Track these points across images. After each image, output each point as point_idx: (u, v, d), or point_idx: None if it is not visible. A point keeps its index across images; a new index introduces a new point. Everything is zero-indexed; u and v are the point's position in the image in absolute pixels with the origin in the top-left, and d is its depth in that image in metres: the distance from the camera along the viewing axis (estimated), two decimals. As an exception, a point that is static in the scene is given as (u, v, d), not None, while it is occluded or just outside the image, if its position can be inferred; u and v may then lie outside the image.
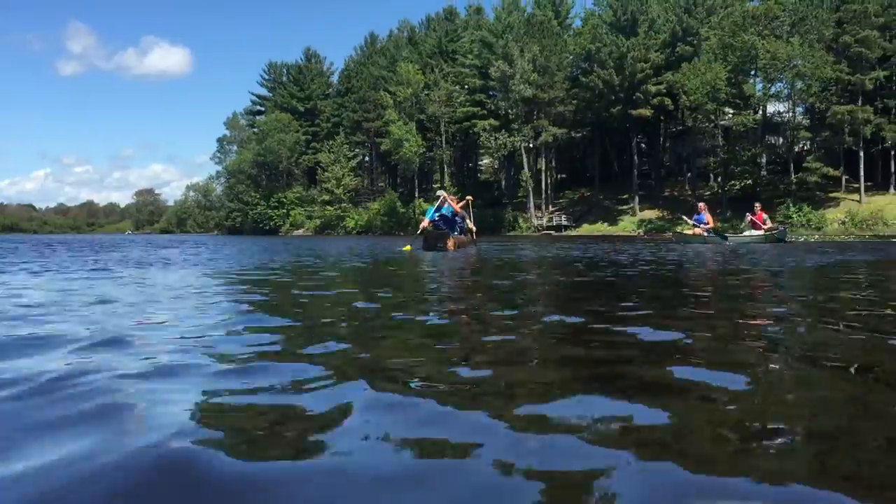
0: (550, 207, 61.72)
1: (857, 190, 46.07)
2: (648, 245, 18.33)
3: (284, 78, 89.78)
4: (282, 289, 5.21)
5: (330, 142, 78.10)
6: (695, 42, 53.80)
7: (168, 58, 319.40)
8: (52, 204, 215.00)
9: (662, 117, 58.94)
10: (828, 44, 46.15)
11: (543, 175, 61.54)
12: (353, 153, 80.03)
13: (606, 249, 14.51)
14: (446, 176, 68.11)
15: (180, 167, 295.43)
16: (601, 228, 54.88)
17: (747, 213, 21.41)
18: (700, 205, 21.40)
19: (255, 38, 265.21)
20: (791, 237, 22.37)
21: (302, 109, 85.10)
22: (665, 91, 53.53)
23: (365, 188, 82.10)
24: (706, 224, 20.39)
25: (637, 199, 56.48)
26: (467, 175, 74.16)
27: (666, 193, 57.67)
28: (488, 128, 61.05)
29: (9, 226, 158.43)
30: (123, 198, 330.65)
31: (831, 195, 47.53)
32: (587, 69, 57.09)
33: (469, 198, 17.09)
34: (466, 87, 66.55)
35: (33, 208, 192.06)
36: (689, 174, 57.42)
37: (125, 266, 8.08)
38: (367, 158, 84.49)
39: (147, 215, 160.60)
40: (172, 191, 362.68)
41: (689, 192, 54.37)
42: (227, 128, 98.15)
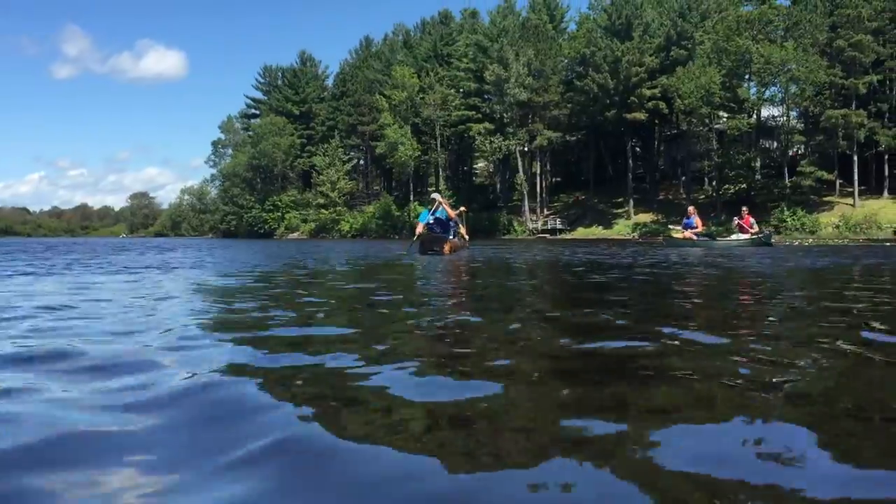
0: (545, 211, 61.73)
1: (851, 194, 46.16)
2: (637, 249, 18.41)
3: (279, 81, 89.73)
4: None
5: (325, 145, 78.05)
6: (689, 46, 53.91)
7: (163, 61, 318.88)
8: (47, 207, 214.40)
9: (657, 121, 59.02)
10: (822, 48, 46.26)
11: (538, 178, 61.55)
12: (348, 156, 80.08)
13: (601, 252, 14.46)
14: (441, 179, 68.09)
15: (175, 170, 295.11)
16: (596, 232, 54.87)
17: (734, 217, 21.92)
18: (690, 209, 22.02)
19: (251, 42, 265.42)
20: (775, 240, 22.80)
21: (297, 113, 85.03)
22: (660, 95, 53.57)
23: (360, 191, 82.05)
24: (696, 227, 20.92)
25: (632, 203, 56.51)
26: (462, 178, 74.10)
27: (660, 197, 57.72)
28: (483, 131, 61.00)
29: (2, 229, 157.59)
30: (118, 201, 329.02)
31: (825, 199, 47.60)
32: (582, 73, 57.09)
33: (463, 208, 17.11)
34: (461, 91, 66.54)
35: (27, 211, 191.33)
36: (684, 178, 57.46)
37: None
38: (362, 162, 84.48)
39: (141, 219, 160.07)
40: (167, 194, 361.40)
41: (684, 196, 54.37)
42: (222, 131, 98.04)
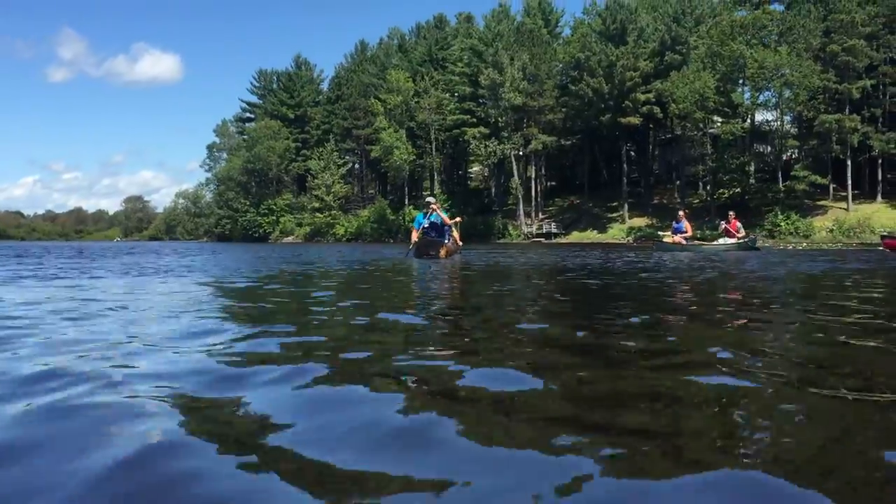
0: (540, 215, 61.71)
1: (845, 198, 46.24)
2: (625, 252, 18.84)
3: (275, 85, 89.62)
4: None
5: (320, 149, 77.95)
6: (683, 51, 54.00)
7: (159, 64, 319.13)
8: (41, 210, 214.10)
9: (651, 125, 59.10)
10: (815, 53, 46.37)
11: (533, 183, 61.55)
12: (343, 160, 79.99)
13: (593, 257, 14.46)
14: (436, 183, 68.06)
15: (170, 174, 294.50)
16: (591, 236, 54.88)
17: (721, 222, 22.28)
18: (679, 213, 22.37)
19: (246, 46, 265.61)
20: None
21: (292, 116, 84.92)
22: (654, 99, 53.65)
23: (355, 195, 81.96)
24: (685, 232, 21.34)
25: (626, 207, 56.53)
26: (457, 182, 74.06)
27: (655, 201, 57.77)
28: (478, 135, 60.97)
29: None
30: (112, 205, 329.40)
31: (819, 203, 47.68)
32: (577, 77, 57.14)
33: (458, 219, 17.04)
34: (456, 95, 66.54)
35: (21, 215, 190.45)
36: (678, 182, 57.52)
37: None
38: (357, 166, 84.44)
39: (136, 222, 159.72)
40: (162, 198, 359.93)
41: (678, 200, 54.38)
42: (217, 135, 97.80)
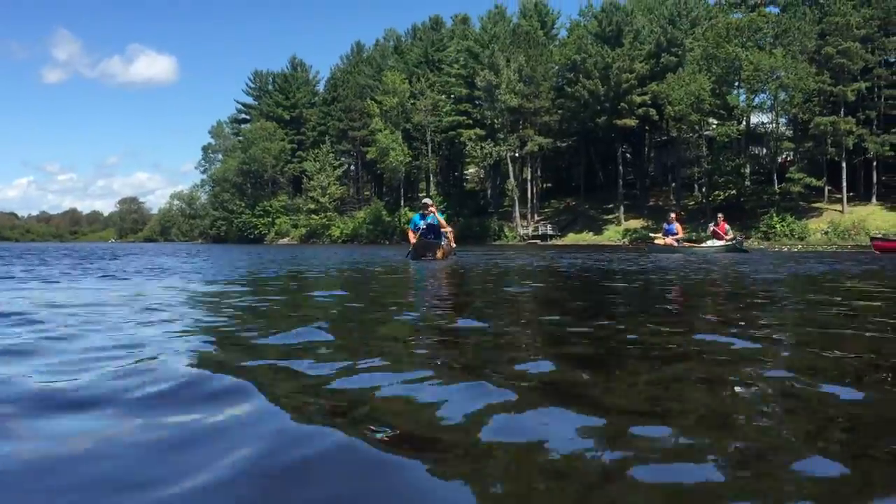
0: (536, 217, 61.68)
1: (840, 200, 46.31)
2: (617, 254, 18.84)
3: (270, 86, 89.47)
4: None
5: (315, 150, 77.85)
6: (679, 53, 54.10)
7: (154, 65, 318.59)
8: (35, 212, 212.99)
9: (647, 127, 59.17)
10: (810, 55, 46.47)
11: (529, 184, 61.53)
12: (339, 162, 79.88)
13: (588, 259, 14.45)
14: (432, 185, 68.00)
15: (165, 175, 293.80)
16: (586, 238, 54.86)
17: (710, 224, 22.60)
18: (671, 215, 22.73)
19: (242, 47, 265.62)
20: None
21: (287, 118, 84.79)
22: (650, 101, 53.70)
23: (350, 197, 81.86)
24: (676, 234, 21.67)
25: (622, 209, 56.53)
26: (453, 184, 73.99)
27: (651, 203, 57.78)
28: (474, 137, 60.92)
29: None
30: (107, 206, 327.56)
31: (814, 205, 47.74)
32: (572, 79, 57.15)
33: (451, 230, 16.73)
34: (452, 97, 66.52)
35: (15, 216, 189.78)
36: (674, 184, 57.56)
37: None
38: (353, 167, 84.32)
39: (131, 224, 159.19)
40: (157, 199, 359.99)
41: (674, 202, 54.43)
42: (212, 136, 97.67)
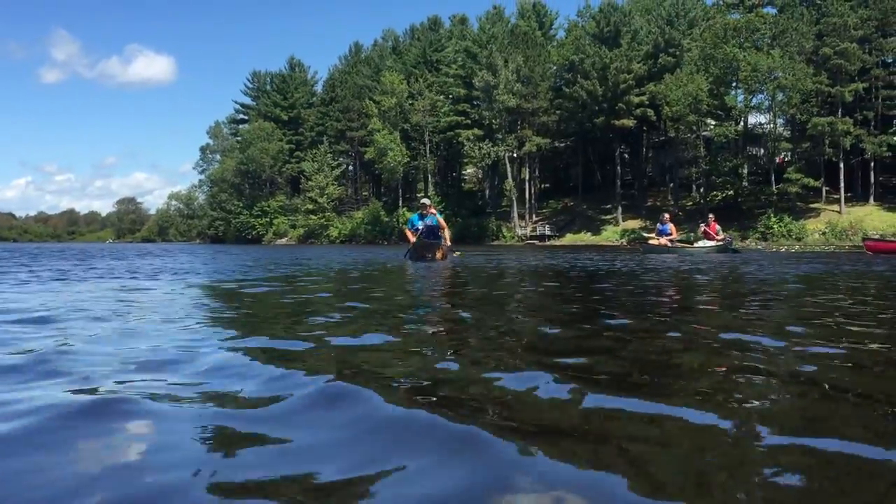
0: (534, 217, 61.71)
1: (838, 201, 46.36)
2: (611, 254, 18.92)
3: (268, 86, 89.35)
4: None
5: (314, 151, 77.77)
6: (677, 53, 54.13)
7: (152, 66, 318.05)
8: (33, 212, 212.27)
9: (645, 128, 59.19)
10: (808, 56, 46.53)
11: (527, 185, 61.56)
12: (337, 162, 79.80)
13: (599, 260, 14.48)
14: (430, 185, 67.98)
15: (163, 176, 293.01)
16: (584, 238, 54.87)
17: (701, 224, 22.99)
18: (665, 216, 22.95)
19: (240, 47, 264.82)
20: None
21: (285, 118, 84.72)
22: (648, 102, 53.74)
23: (349, 197, 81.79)
24: (670, 234, 21.94)
25: (620, 209, 56.55)
26: (451, 185, 73.98)
27: (649, 203, 57.79)
28: (472, 137, 60.91)
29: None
30: (105, 206, 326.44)
31: (812, 206, 47.79)
32: (570, 80, 57.18)
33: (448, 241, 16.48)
34: (450, 97, 66.51)
35: (13, 216, 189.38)
36: (672, 184, 57.57)
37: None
38: (351, 167, 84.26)
39: (128, 224, 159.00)
40: (155, 199, 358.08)
41: (672, 202, 54.48)
42: (210, 136, 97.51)
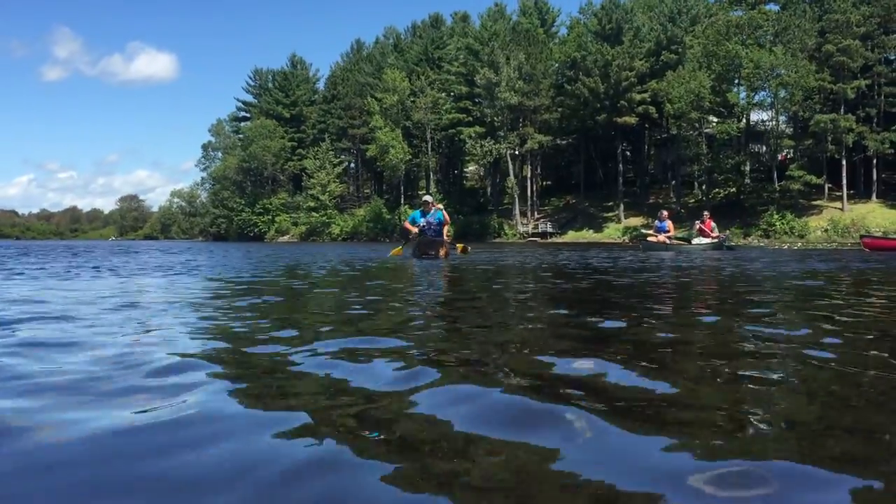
0: (536, 214, 61.70)
1: (840, 198, 46.31)
2: (608, 252, 19.15)
3: (270, 84, 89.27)
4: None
5: (315, 148, 77.76)
6: (679, 51, 54.05)
7: (154, 63, 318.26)
8: (35, 210, 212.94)
9: (647, 125, 59.14)
10: (810, 53, 46.43)
11: (529, 182, 61.52)
12: (339, 160, 79.78)
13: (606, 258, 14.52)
14: (432, 183, 67.97)
15: (165, 173, 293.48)
16: (586, 235, 54.86)
17: (696, 221, 23.02)
18: (663, 213, 22.97)
19: (242, 45, 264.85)
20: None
21: (287, 116, 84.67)
22: (650, 99, 53.69)
23: (350, 195, 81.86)
24: (668, 231, 22.00)
25: (622, 207, 56.53)
26: (453, 182, 73.98)
27: (651, 201, 57.75)
28: (474, 135, 60.87)
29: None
30: (107, 204, 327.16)
31: (814, 203, 47.73)
32: (572, 77, 57.11)
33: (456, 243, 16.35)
34: (452, 94, 66.43)
35: (16, 214, 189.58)
36: (674, 182, 57.54)
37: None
38: (353, 165, 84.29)
39: (131, 221, 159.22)
40: (157, 197, 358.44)
41: (674, 200, 54.46)
42: (212, 134, 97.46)
